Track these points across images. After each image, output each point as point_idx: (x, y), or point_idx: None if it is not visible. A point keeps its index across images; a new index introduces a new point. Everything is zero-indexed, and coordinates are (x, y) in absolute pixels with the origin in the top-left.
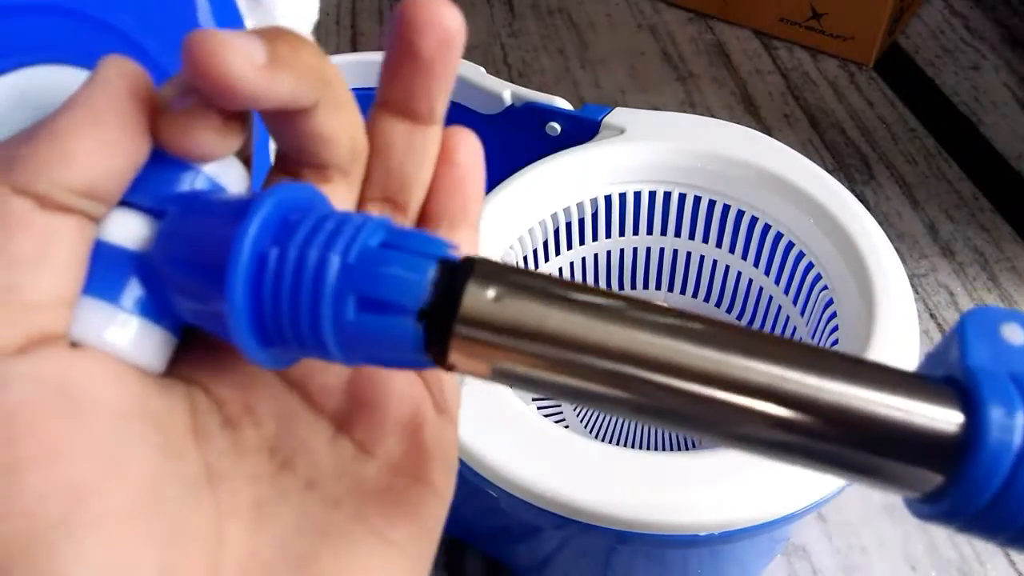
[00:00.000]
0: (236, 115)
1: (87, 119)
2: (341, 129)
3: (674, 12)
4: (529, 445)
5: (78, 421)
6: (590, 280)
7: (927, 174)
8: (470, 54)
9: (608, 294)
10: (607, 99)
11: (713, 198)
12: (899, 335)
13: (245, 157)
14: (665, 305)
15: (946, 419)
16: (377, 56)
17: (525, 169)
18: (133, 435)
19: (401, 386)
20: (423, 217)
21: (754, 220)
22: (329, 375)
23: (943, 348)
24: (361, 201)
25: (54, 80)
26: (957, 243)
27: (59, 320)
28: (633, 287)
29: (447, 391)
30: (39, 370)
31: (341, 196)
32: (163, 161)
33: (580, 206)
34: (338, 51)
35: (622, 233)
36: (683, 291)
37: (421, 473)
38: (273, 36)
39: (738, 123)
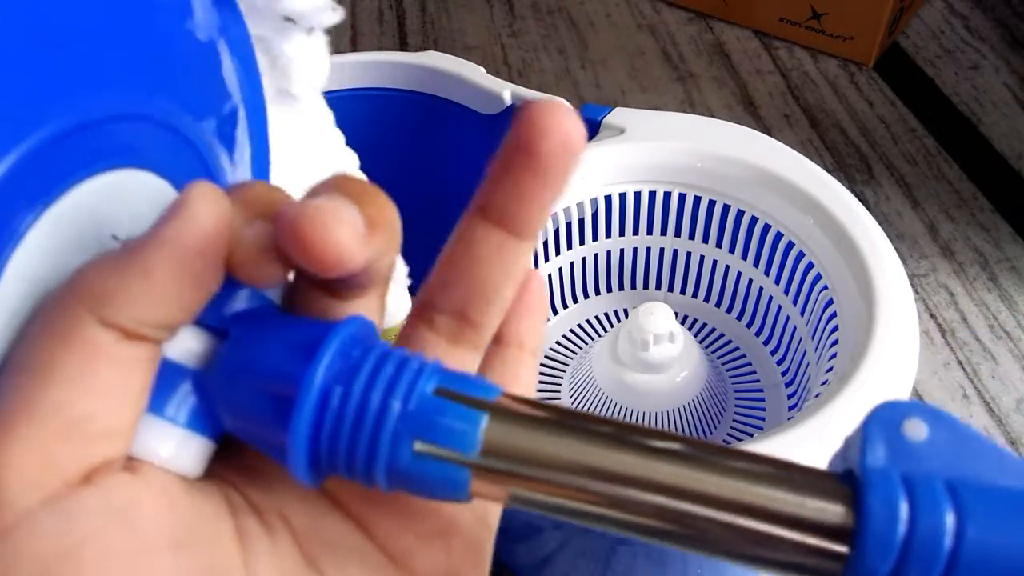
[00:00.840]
0: None
1: (176, 262)
2: (391, 265)
3: (674, 12)
4: None
5: (142, 555)
6: (590, 280)
7: (927, 174)
8: (470, 54)
9: (586, 418)
10: (607, 99)
11: (713, 198)
12: (899, 335)
13: None
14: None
15: (838, 517)
16: (377, 56)
17: None
18: (190, 564)
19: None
20: (495, 338)
21: (754, 220)
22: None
23: (852, 440)
24: (431, 307)
25: (135, 183)
26: (957, 243)
27: (124, 445)
28: (633, 287)
29: (488, 502)
30: (104, 501)
31: (373, 305)
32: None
33: (580, 206)
34: (338, 51)
35: (622, 233)
36: (683, 291)
37: None
38: (363, 198)
39: (738, 123)
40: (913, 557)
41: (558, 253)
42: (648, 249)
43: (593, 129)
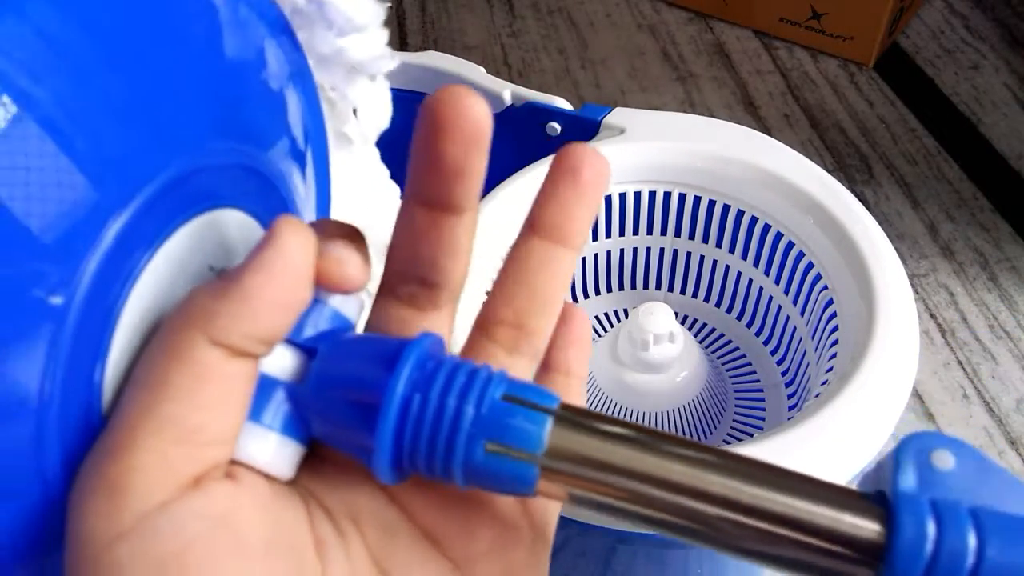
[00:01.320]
0: (367, 255)
1: (271, 282)
2: (468, 249)
3: (674, 12)
4: None
5: (238, 558)
6: (590, 280)
7: (927, 174)
8: (470, 54)
9: (644, 431)
10: (607, 99)
11: (713, 198)
12: (899, 335)
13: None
14: (678, 437)
15: (872, 533)
16: None
17: (525, 169)
18: (277, 567)
19: (501, 511)
20: (544, 366)
21: (754, 220)
22: (429, 494)
23: (885, 464)
24: (492, 321)
25: (227, 221)
26: (957, 243)
27: (228, 451)
28: (633, 287)
29: (548, 516)
30: (209, 506)
31: (445, 320)
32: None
33: None
34: None
35: (622, 233)
36: (683, 291)
37: None
38: None
39: (738, 123)
40: (938, 573)
41: None
42: (648, 249)
43: (593, 129)
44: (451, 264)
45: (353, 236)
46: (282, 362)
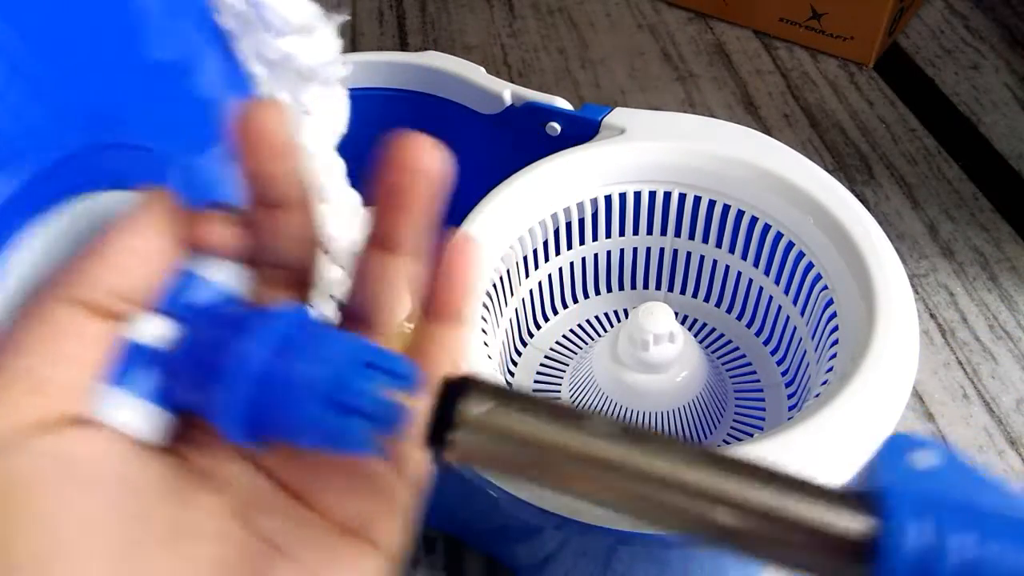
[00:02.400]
0: (242, 225)
1: (128, 236)
2: (311, 238)
3: (674, 12)
4: None
5: (70, 491)
6: (590, 280)
7: (927, 174)
8: (470, 54)
9: (534, 400)
10: (607, 99)
11: (713, 198)
12: (899, 335)
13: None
14: (607, 418)
15: (861, 525)
16: (377, 56)
17: (525, 169)
18: (113, 502)
19: (358, 459)
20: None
21: (754, 220)
22: (289, 454)
23: (869, 466)
24: (345, 316)
25: (114, 200)
26: (957, 243)
27: (80, 404)
28: (633, 287)
29: (411, 460)
30: (48, 445)
31: (306, 296)
32: (184, 277)
33: (580, 206)
34: None
35: (622, 233)
36: (683, 291)
37: (365, 533)
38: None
39: (738, 123)
40: (927, 568)
41: (558, 253)
42: (648, 249)
43: (593, 129)
44: (298, 251)
45: (228, 208)
46: (156, 331)
